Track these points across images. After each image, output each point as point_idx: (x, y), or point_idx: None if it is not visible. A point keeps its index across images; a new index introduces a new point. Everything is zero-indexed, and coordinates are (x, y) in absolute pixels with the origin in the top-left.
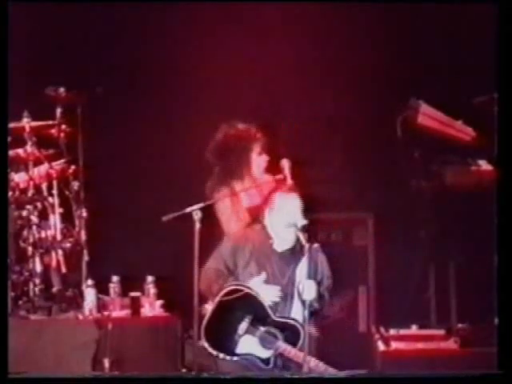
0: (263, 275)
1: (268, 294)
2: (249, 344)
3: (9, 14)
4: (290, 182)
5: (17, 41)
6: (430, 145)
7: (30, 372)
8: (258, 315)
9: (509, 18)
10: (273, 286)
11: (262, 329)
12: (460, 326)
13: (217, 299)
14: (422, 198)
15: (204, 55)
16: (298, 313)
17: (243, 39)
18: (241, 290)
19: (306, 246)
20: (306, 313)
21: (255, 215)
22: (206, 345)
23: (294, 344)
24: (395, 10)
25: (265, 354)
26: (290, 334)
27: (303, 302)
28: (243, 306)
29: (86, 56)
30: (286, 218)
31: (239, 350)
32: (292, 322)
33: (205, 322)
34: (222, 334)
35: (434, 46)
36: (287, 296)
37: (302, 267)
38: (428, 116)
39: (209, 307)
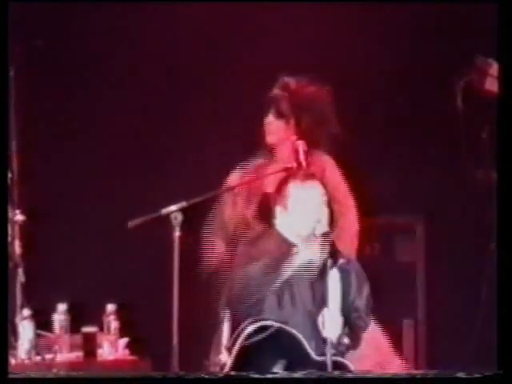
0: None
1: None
2: None
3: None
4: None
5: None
6: None
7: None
8: (295, 357)
9: (509, 17)
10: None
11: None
12: None
13: (238, 344)
14: (492, 196)
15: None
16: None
17: None
18: (270, 326)
19: (328, 262)
20: (328, 357)
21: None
22: None
23: None
24: None
25: None
26: None
27: (324, 341)
28: (274, 347)
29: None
30: (304, 217)
31: None
32: (341, 359)
33: None
34: None
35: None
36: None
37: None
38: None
39: (224, 358)
